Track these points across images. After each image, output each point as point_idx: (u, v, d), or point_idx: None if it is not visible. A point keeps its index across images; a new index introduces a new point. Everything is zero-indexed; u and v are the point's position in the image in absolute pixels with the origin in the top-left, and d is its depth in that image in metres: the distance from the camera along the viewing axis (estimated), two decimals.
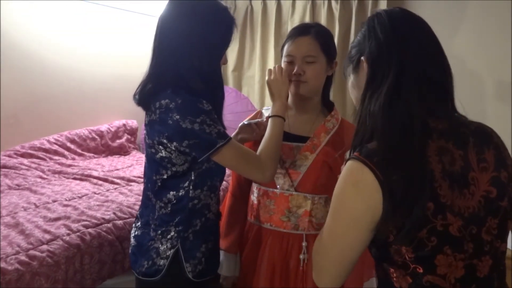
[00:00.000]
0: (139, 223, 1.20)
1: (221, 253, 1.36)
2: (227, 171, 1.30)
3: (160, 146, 1.08)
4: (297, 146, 1.25)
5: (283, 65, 1.26)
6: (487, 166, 0.74)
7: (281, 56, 1.29)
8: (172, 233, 1.12)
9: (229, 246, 1.36)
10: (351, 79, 0.90)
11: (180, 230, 1.12)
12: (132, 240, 1.20)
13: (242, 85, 3.27)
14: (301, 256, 1.23)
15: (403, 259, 0.72)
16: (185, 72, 1.07)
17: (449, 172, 0.71)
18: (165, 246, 1.11)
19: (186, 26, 1.06)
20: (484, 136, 0.78)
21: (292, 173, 1.24)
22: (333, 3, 2.63)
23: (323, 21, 2.66)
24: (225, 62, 1.18)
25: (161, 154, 1.09)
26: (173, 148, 1.06)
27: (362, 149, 0.74)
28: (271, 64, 3.02)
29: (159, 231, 1.12)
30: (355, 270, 1.27)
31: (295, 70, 1.21)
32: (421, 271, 0.71)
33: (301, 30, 1.24)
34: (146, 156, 1.16)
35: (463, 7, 2.19)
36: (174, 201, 1.12)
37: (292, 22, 2.86)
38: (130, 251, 1.20)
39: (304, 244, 1.23)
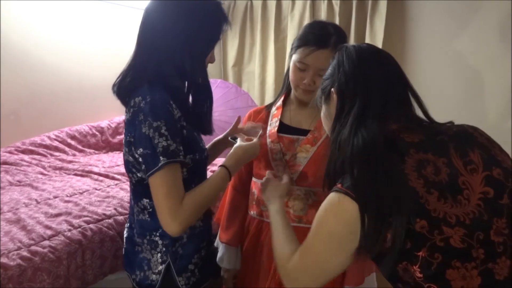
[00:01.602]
0: (128, 224, 1.18)
1: (222, 246, 1.37)
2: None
3: (126, 148, 1.01)
4: (297, 139, 1.26)
5: (292, 67, 1.23)
6: (476, 168, 0.73)
7: (291, 50, 1.25)
8: (160, 246, 1.07)
9: (230, 239, 1.38)
10: (323, 109, 0.95)
11: (167, 244, 1.07)
12: (125, 240, 1.19)
13: (242, 81, 3.28)
14: None
15: (413, 280, 0.71)
16: (164, 68, 1.01)
17: (435, 183, 0.71)
18: (155, 259, 1.08)
19: (169, 20, 1.01)
20: (465, 138, 0.78)
21: (292, 166, 1.24)
22: (334, 1, 2.62)
23: (323, 17, 2.65)
24: (212, 60, 1.11)
25: (126, 157, 1.03)
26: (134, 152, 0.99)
27: (343, 180, 0.76)
28: (271, 59, 3.02)
29: (145, 240, 1.08)
30: (356, 265, 1.29)
31: (306, 81, 1.19)
32: None
33: (321, 42, 1.17)
34: None
35: (464, 6, 2.18)
36: (150, 209, 1.06)
37: (292, 17, 2.85)
38: (123, 251, 1.19)
39: None
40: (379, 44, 2.41)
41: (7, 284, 1.18)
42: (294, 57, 1.22)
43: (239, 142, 1.18)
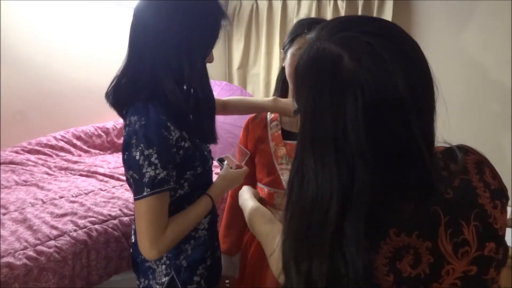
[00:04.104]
0: (134, 226, 1.16)
1: None
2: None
3: (124, 166, 0.98)
4: None
5: (290, 59, 1.19)
6: (468, 250, 0.59)
7: (284, 51, 1.21)
8: (164, 258, 1.05)
9: (228, 248, 1.38)
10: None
11: (171, 257, 1.05)
12: (132, 240, 1.18)
13: (247, 83, 3.28)
14: None
15: None
16: (161, 76, 0.93)
17: (409, 279, 0.57)
18: (159, 270, 1.06)
19: (161, 20, 0.92)
20: (464, 202, 0.60)
21: None
22: (339, 2, 2.62)
23: (329, 17, 2.65)
24: (211, 60, 1.02)
25: (125, 173, 0.99)
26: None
27: None
28: (276, 62, 3.02)
29: None
30: None
31: None
32: None
33: (311, 27, 1.18)
34: None
35: (472, 6, 2.17)
36: None
37: (297, 19, 2.84)
38: (131, 253, 1.19)
39: None
40: None
41: (13, 283, 1.18)
42: (291, 49, 1.19)
43: (225, 166, 1.17)
